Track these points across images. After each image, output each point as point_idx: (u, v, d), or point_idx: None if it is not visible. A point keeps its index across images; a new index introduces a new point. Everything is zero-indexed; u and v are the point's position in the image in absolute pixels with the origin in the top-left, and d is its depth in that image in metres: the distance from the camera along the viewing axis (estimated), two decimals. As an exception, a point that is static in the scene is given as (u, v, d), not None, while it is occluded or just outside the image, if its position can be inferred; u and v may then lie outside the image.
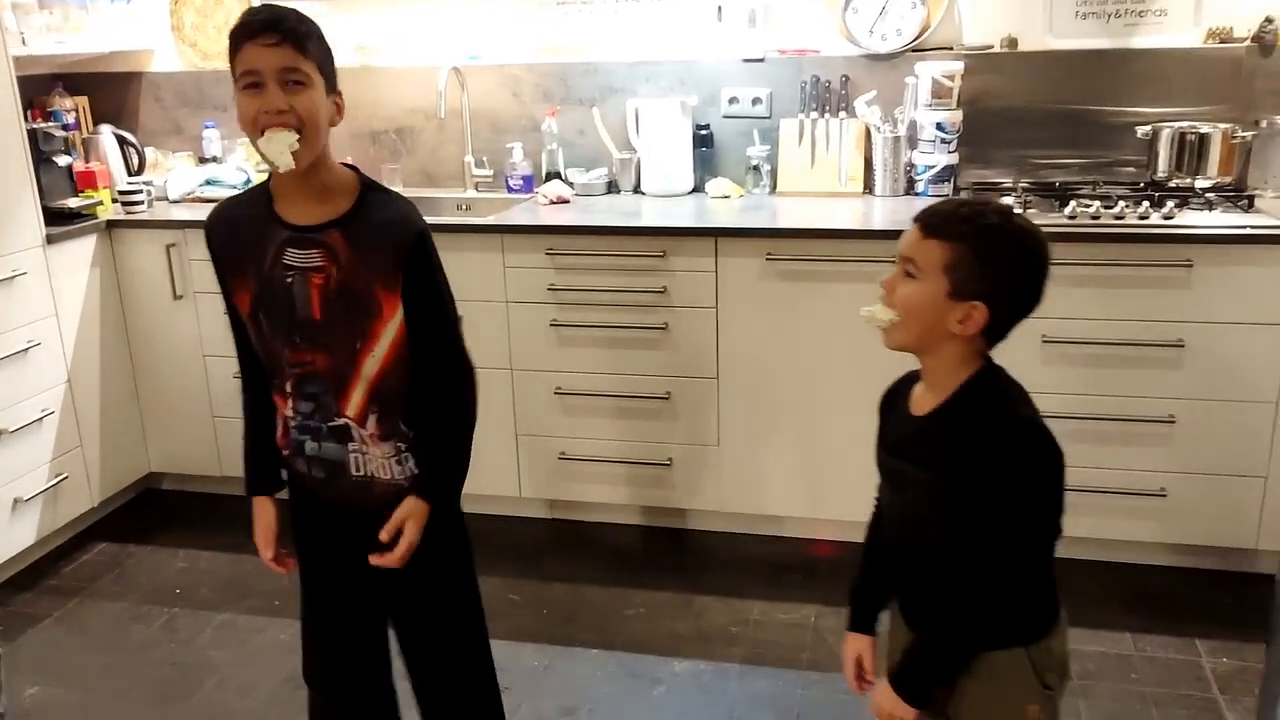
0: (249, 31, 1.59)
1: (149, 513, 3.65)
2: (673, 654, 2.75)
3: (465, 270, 3.20)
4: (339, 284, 1.69)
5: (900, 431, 1.56)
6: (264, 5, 1.65)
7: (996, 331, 1.47)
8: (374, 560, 1.75)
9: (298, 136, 1.60)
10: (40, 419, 3.21)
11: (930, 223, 1.46)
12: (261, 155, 1.63)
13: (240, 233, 1.74)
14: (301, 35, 1.60)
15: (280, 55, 1.58)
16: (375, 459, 1.78)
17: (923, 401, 1.53)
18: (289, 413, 1.78)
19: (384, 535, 1.75)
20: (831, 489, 3.10)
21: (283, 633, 2.86)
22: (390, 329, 1.72)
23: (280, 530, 1.89)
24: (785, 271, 3.00)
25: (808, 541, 3.26)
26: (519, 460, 3.32)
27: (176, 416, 3.60)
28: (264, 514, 1.90)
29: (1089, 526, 2.95)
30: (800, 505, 3.19)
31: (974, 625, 1.48)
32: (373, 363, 1.73)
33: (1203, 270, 2.75)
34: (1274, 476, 2.83)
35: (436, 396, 1.79)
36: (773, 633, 2.83)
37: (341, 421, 1.76)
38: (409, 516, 1.76)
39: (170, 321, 3.51)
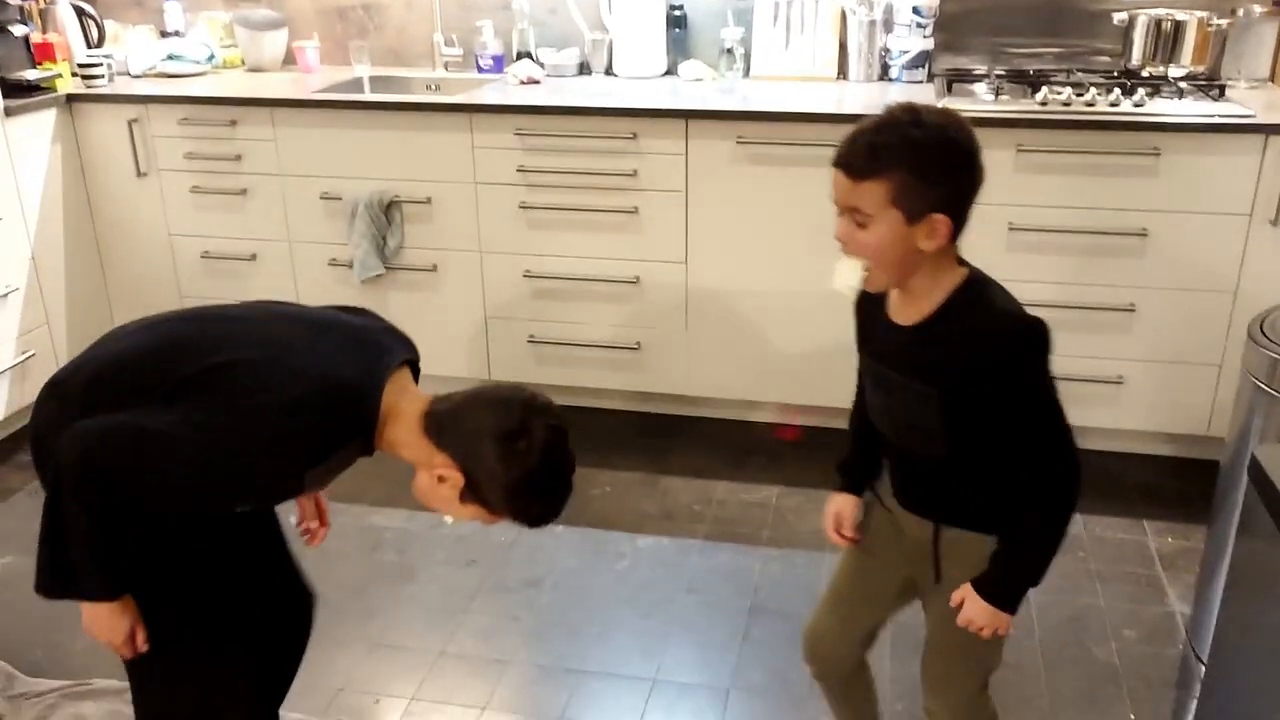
0: None
1: (119, 392, 3.66)
2: (636, 530, 2.82)
3: (433, 151, 3.18)
4: None
5: (886, 339, 1.53)
6: None
7: (959, 228, 1.43)
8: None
9: None
10: (4, 295, 3.19)
11: (854, 165, 1.40)
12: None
13: None
14: None
15: None
16: None
17: (905, 310, 1.50)
18: None
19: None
20: (797, 374, 3.14)
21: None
22: None
23: None
24: (756, 155, 2.98)
25: (773, 426, 3.32)
26: (488, 343, 3.34)
27: (144, 296, 3.58)
28: None
29: (1047, 412, 3.01)
30: (767, 390, 3.23)
31: (1051, 521, 1.47)
32: None
33: (1170, 159, 2.76)
34: (1228, 365, 2.89)
35: None
36: (735, 511, 2.90)
37: None
38: None
39: (134, 200, 3.47)
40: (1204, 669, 2.20)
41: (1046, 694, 2.24)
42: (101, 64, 3.45)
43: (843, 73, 3.41)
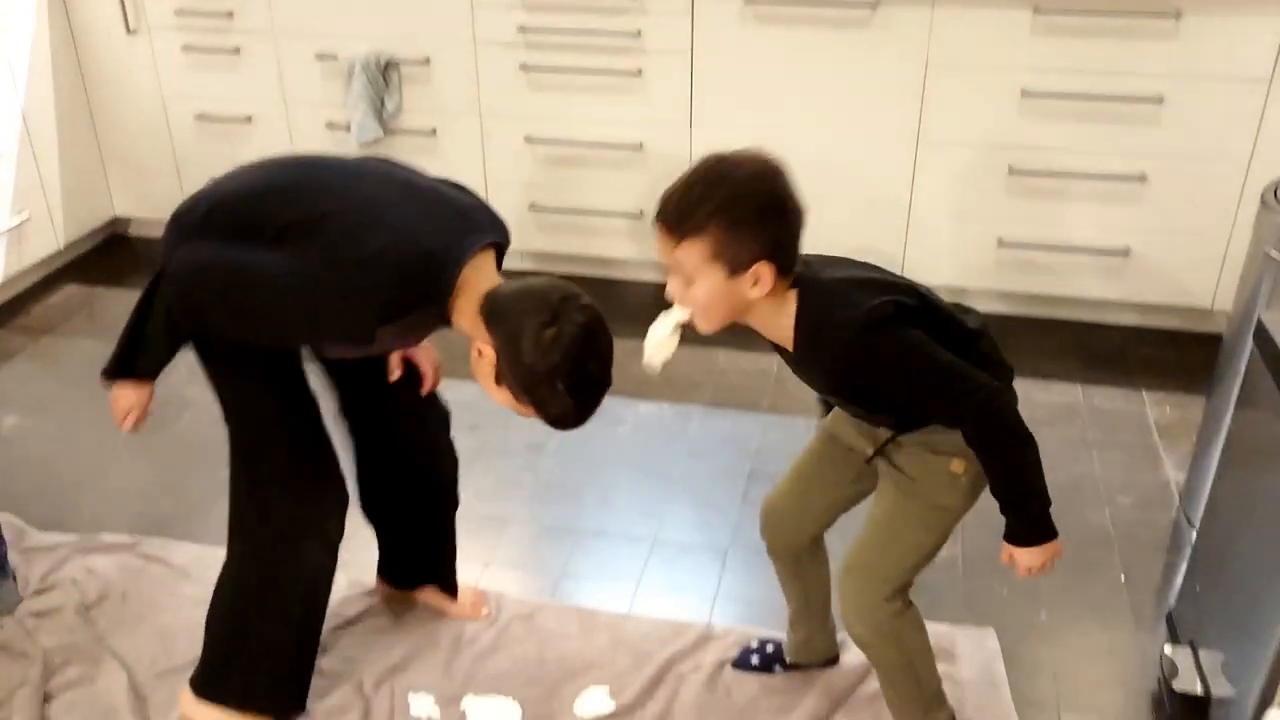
0: None
1: (116, 257, 3.64)
2: (638, 396, 2.83)
3: (431, 8, 3.09)
4: None
5: (789, 361, 1.57)
6: None
7: (786, 269, 1.44)
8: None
9: None
10: (-3, 156, 3.15)
11: (670, 224, 1.42)
12: None
13: None
14: None
15: None
16: None
17: (779, 342, 1.53)
18: None
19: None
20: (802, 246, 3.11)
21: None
22: None
23: None
24: (765, 15, 2.89)
25: (775, 296, 3.30)
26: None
27: (139, 160, 3.53)
28: None
29: (1050, 284, 3.00)
30: (769, 259, 3.21)
31: (1010, 452, 1.49)
32: None
33: (1191, 21, 2.67)
34: (1237, 238, 2.86)
35: None
36: (736, 379, 2.91)
37: None
38: None
39: (125, 59, 3.38)
40: (1195, 533, 2.23)
41: (1039, 557, 2.28)
42: (85, -86, 3.32)
43: (856, -70, 3.27)
